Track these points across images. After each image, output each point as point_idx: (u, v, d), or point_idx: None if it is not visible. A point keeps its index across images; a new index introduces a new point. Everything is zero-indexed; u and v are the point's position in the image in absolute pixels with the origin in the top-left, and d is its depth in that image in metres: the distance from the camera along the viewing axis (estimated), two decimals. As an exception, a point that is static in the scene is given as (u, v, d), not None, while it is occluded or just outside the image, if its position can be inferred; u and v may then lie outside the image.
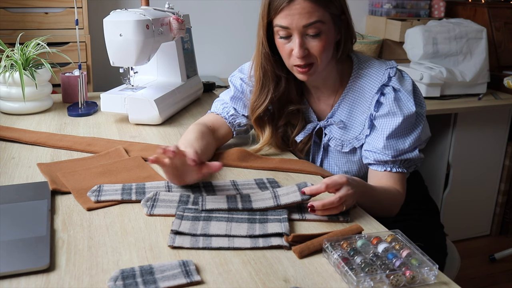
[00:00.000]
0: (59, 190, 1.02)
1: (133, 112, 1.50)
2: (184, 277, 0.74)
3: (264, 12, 1.15)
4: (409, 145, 1.16)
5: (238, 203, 0.97)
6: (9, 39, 1.83)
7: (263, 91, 1.23)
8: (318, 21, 1.09)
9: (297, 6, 1.09)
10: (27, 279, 0.74)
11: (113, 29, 1.41)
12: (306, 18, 1.09)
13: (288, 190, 1.00)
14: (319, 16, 1.09)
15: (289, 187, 1.01)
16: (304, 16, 1.09)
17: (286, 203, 0.96)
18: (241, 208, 0.96)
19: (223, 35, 2.63)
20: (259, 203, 0.97)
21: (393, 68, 1.19)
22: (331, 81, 1.24)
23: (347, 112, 1.23)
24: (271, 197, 0.99)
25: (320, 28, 1.10)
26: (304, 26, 1.10)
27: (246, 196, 1.00)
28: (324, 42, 1.12)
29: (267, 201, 0.97)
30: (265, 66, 1.21)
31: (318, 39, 1.11)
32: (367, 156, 1.19)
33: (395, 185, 1.16)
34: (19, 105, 1.55)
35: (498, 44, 2.71)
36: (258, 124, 1.28)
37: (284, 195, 0.99)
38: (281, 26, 1.12)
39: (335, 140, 1.25)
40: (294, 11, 1.09)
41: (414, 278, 0.76)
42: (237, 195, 1.00)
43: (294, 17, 1.09)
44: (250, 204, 0.97)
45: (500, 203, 2.71)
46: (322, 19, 1.10)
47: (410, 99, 1.15)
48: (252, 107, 1.26)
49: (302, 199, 0.96)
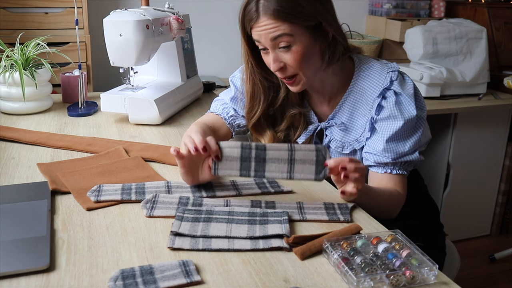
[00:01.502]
0: (59, 190, 1.02)
1: (133, 112, 1.50)
2: (184, 277, 0.74)
3: (240, 28, 1.16)
4: (409, 148, 1.16)
5: (251, 169, 0.95)
6: (9, 39, 1.83)
7: (254, 103, 1.25)
8: (284, 34, 1.08)
9: (262, 23, 1.09)
10: (27, 279, 0.74)
11: (113, 29, 1.41)
12: (271, 33, 1.09)
13: (305, 156, 0.96)
14: (284, 30, 1.08)
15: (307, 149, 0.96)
16: (269, 31, 1.09)
17: (299, 179, 0.95)
18: (252, 175, 0.95)
19: (223, 35, 2.63)
20: (272, 172, 0.95)
21: (395, 72, 1.18)
22: (328, 84, 1.23)
23: (348, 114, 1.23)
24: (286, 162, 0.95)
25: (288, 41, 1.09)
26: (271, 40, 1.10)
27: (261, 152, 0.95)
28: (296, 54, 1.11)
29: (281, 168, 0.95)
30: (253, 79, 1.22)
31: (290, 52, 1.11)
32: (368, 158, 1.19)
33: (395, 186, 1.16)
34: (19, 105, 1.55)
35: (498, 44, 2.71)
36: (256, 131, 1.29)
37: (299, 163, 0.95)
38: (256, 40, 1.13)
39: (336, 142, 1.25)
40: (261, 28, 1.10)
41: (414, 278, 0.76)
42: (252, 151, 0.96)
43: (262, 33, 1.10)
44: (263, 173, 0.95)
45: (500, 203, 2.71)
46: (288, 32, 1.08)
47: (411, 103, 1.15)
48: (246, 117, 1.28)
49: (316, 178, 0.95)
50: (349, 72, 1.23)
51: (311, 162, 0.95)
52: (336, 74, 1.22)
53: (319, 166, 0.95)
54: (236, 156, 0.96)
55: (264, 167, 0.95)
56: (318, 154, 0.96)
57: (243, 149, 0.96)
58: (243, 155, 0.96)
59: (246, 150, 0.96)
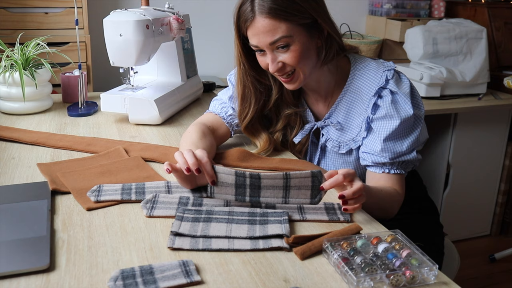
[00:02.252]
0: (59, 190, 1.02)
1: (133, 112, 1.50)
2: (184, 277, 0.74)
3: (235, 29, 1.16)
4: (407, 148, 1.16)
5: (246, 194, 0.95)
6: (9, 39, 1.83)
7: (244, 105, 1.25)
8: (282, 37, 1.08)
9: (258, 24, 1.09)
10: (27, 279, 0.74)
11: (113, 29, 1.41)
12: (270, 36, 1.09)
13: (301, 183, 0.96)
14: (283, 32, 1.08)
15: (302, 176, 0.96)
16: (267, 34, 1.08)
17: (294, 203, 0.96)
18: (248, 200, 0.95)
19: (223, 35, 2.63)
20: (267, 198, 0.95)
21: (391, 71, 1.18)
22: (324, 83, 1.23)
23: (344, 113, 1.23)
24: (281, 188, 0.95)
25: (287, 41, 1.09)
26: (270, 44, 1.10)
27: (255, 180, 0.95)
28: (295, 53, 1.10)
29: (276, 194, 0.95)
30: (244, 82, 1.22)
31: (290, 51, 1.10)
32: (365, 158, 1.19)
33: (393, 186, 1.16)
34: (19, 105, 1.55)
35: (498, 44, 2.71)
36: (250, 132, 1.29)
37: (295, 189, 0.95)
38: (251, 44, 1.12)
39: (332, 141, 1.25)
40: (258, 30, 1.09)
41: (414, 278, 0.76)
42: (247, 179, 0.96)
43: (259, 36, 1.10)
44: (257, 198, 0.96)
45: (500, 203, 2.71)
46: (286, 33, 1.08)
47: (408, 102, 1.15)
48: (239, 119, 1.28)
49: (311, 202, 0.95)
50: (345, 71, 1.23)
51: (307, 188, 0.96)
52: (332, 73, 1.22)
53: (315, 190, 0.96)
54: (231, 182, 0.96)
55: (259, 193, 0.96)
56: (314, 180, 0.96)
57: (237, 177, 0.95)
58: (237, 182, 0.96)
59: (241, 178, 0.95)
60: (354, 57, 1.24)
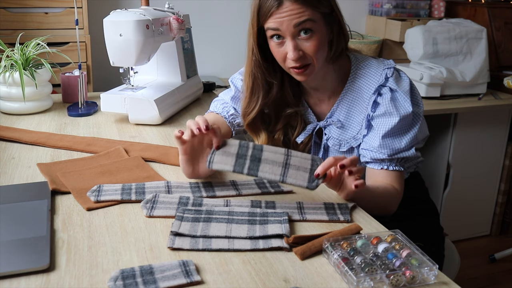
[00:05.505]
0: (59, 190, 1.02)
1: (133, 112, 1.50)
2: (184, 277, 0.74)
3: (254, 19, 1.15)
4: (406, 144, 1.17)
5: (245, 166, 0.96)
6: (9, 39, 1.83)
7: (253, 98, 1.24)
8: (309, 19, 1.09)
9: (285, 8, 1.09)
10: (27, 279, 0.74)
11: (113, 29, 1.41)
12: (296, 18, 1.10)
13: (300, 163, 0.97)
14: (309, 15, 1.09)
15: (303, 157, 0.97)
16: (294, 17, 1.09)
17: (291, 183, 0.96)
18: (245, 172, 0.95)
19: (223, 35, 2.63)
20: (265, 173, 0.96)
21: (391, 68, 1.19)
22: (328, 82, 1.24)
23: (345, 112, 1.24)
24: (281, 165, 0.96)
25: (311, 27, 1.10)
26: (295, 26, 1.10)
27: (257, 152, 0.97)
28: (317, 42, 1.12)
29: (275, 170, 0.96)
30: (255, 74, 1.22)
31: (311, 39, 1.11)
32: (364, 155, 1.19)
33: (392, 183, 1.16)
34: (19, 105, 1.55)
35: (498, 44, 2.71)
36: (252, 129, 1.29)
37: (294, 169, 0.96)
38: (273, 29, 1.12)
39: (333, 140, 1.26)
40: (284, 14, 1.10)
41: (414, 278, 0.76)
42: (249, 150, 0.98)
43: (284, 20, 1.10)
44: (256, 172, 0.96)
45: (500, 203, 2.71)
46: (312, 17, 1.10)
47: (407, 99, 1.16)
48: (243, 113, 1.28)
49: (308, 186, 0.95)
50: (347, 71, 1.24)
51: (305, 170, 0.96)
52: (336, 72, 1.23)
53: (313, 175, 0.96)
54: (233, 152, 0.98)
55: (258, 167, 0.96)
56: (313, 163, 0.97)
57: (241, 147, 0.98)
58: (239, 152, 0.98)
59: (244, 148, 0.98)
60: (355, 56, 1.25)
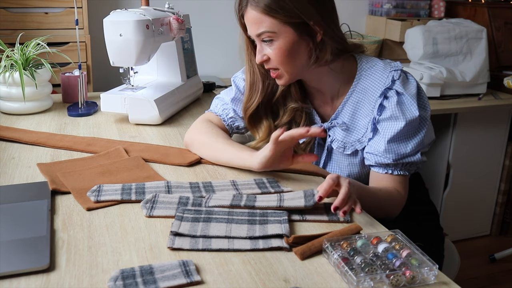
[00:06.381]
0: (59, 190, 1.02)
1: (133, 112, 1.50)
2: (184, 277, 0.74)
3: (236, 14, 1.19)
4: (411, 149, 1.15)
5: (241, 202, 0.98)
6: (9, 39, 1.83)
7: (253, 90, 1.25)
8: (266, 31, 1.11)
9: (248, 16, 1.13)
10: (27, 279, 0.74)
11: (113, 29, 1.41)
12: (255, 28, 1.13)
13: (294, 196, 1.00)
14: (267, 27, 1.11)
15: (295, 193, 1.01)
16: (254, 25, 1.13)
17: (289, 206, 0.96)
18: (243, 205, 0.96)
19: (223, 35, 2.63)
20: (262, 204, 0.97)
21: (398, 71, 1.17)
22: (328, 84, 1.23)
23: (350, 114, 1.22)
24: (276, 200, 0.99)
25: (270, 36, 1.12)
26: (256, 36, 1.14)
27: (252, 197, 1.00)
28: (279, 50, 1.12)
29: (271, 203, 0.97)
30: (252, 65, 1.24)
31: (273, 47, 1.13)
32: (369, 158, 1.18)
33: (396, 187, 1.15)
34: (19, 105, 1.55)
35: (498, 44, 2.71)
36: (253, 123, 1.29)
37: (289, 200, 0.99)
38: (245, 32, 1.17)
39: (338, 142, 1.24)
40: (248, 20, 1.14)
41: (414, 278, 0.76)
42: (243, 195, 1.01)
43: (249, 26, 1.15)
44: (253, 203, 0.97)
45: (500, 203, 2.71)
46: (270, 29, 1.11)
47: (414, 103, 1.14)
48: (244, 108, 1.28)
49: (305, 206, 0.95)
50: (352, 72, 1.22)
51: (300, 197, 0.99)
52: (337, 73, 1.21)
53: (308, 197, 0.98)
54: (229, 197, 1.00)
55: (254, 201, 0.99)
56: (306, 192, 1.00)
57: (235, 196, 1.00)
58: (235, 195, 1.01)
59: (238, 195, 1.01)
60: (361, 57, 1.23)
